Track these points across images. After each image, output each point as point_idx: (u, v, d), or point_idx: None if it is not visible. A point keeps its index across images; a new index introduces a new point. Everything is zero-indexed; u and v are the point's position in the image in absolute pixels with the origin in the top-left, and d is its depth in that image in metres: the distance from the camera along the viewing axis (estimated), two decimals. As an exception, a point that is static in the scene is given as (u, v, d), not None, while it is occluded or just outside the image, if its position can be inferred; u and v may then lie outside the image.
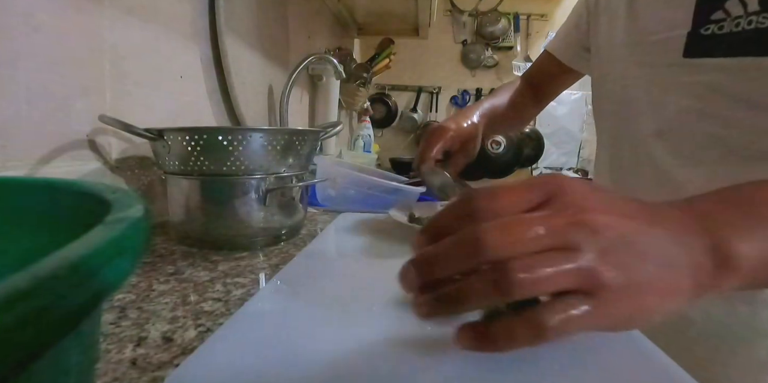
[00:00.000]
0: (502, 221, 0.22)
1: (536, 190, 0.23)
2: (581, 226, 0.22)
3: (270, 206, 0.52)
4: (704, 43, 0.46)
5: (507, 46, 2.61)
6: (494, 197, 0.23)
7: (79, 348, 0.13)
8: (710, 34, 0.45)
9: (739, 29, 0.43)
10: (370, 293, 0.36)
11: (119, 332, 0.30)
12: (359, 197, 0.79)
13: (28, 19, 0.45)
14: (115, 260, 0.11)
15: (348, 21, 1.80)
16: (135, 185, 0.61)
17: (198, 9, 0.76)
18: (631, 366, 0.27)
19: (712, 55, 0.45)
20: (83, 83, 0.52)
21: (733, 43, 0.43)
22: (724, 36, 0.44)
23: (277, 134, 0.51)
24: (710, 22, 0.45)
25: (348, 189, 0.79)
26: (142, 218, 0.14)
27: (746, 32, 0.42)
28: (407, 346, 0.27)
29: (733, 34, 0.43)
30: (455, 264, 0.22)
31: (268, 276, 0.43)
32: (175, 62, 0.70)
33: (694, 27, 0.46)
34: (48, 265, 0.09)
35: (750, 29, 0.42)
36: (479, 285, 0.21)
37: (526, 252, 0.21)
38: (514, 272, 0.20)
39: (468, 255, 0.21)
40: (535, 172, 2.76)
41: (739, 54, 0.43)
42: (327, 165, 0.81)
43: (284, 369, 0.25)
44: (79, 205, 0.18)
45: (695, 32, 0.46)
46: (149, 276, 0.42)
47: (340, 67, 1.12)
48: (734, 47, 0.43)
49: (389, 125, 2.70)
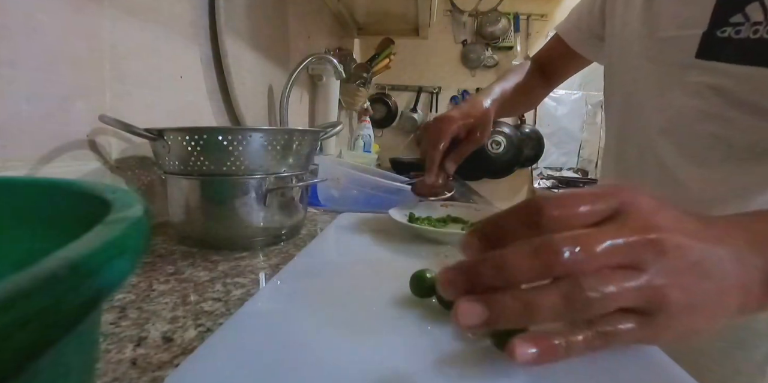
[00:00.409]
0: (578, 234, 0.21)
1: (606, 202, 0.23)
2: (652, 245, 0.21)
3: (270, 206, 0.52)
4: (718, 46, 0.45)
5: (507, 46, 2.62)
6: (565, 207, 0.22)
7: (79, 348, 0.13)
8: (726, 36, 0.44)
9: (756, 37, 0.41)
10: (370, 293, 0.36)
11: (119, 332, 0.30)
12: (361, 198, 0.79)
13: (28, 19, 0.45)
14: (115, 260, 0.11)
15: (348, 21, 1.80)
16: (135, 185, 0.61)
17: (198, 9, 0.76)
18: (633, 367, 0.27)
19: (723, 60, 0.44)
20: (83, 83, 0.52)
21: (747, 51, 0.42)
22: (740, 41, 0.43)
23: (277, 134, 0.51)
24: (728, 25, 0.44)
25: (351, 189, 0.79)
26: (142, 218, 0.14)
27: (763, 41, 0.41)
28: (407, 346, 0.27)
29: (750, 40, 0.42)
30: (527, 275, 0.21)
31: (268, 276, 0.43)
32: (175, 62, 0.70)
33: (710, 28, 0.45)
34: (48, 265, 0.09)
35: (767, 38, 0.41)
36: (551, 299, 0.20)
37: (599, 268, 0.21)
38: (589, 288, 0.20)
39: (544, 266, 0.20)
40: (535, 172, 2.76)
41: (752, 63, 0.42)
42: (330, 165, 0.81)
43: (284, 369, 0.25)
44: (79, 205, 0.18)
45: (711, 33, 0.45)
46: (149, 276, 0.42)
47: (340, 67, 1.12)
48: (747, 55, 0.42)
49: (389, 125, 2.71)
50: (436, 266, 0.37)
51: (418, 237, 0.56)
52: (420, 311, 0.33)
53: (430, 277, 0.34)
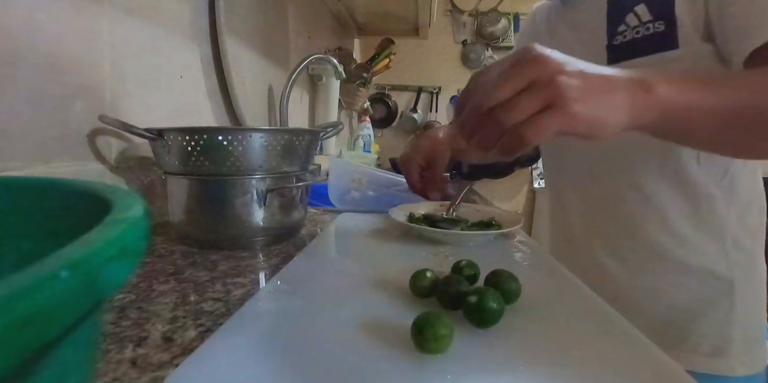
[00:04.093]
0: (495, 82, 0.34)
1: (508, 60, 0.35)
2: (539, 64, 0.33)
3: (270, 206, 0.52)
4: (618, 51, 0.59)
5: (507, 46, 2.61)
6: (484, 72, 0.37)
7: (79, 348, 0.13)
8: (619, 43, 0.59)
9: (639, 35, 0.57)
10: (370, 293, 0.36)
11: (119, 332, 0.30)
12: (374, 197, 0.78)
13: (28, 19, 0.45)
14: (115, 260, 0.11)
15: (348, 21, 1.80)
16: (135, 185, 0.61)
17: (198, 9, 0.76)
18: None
19: (626, 59, 0.58)
20: (83, 83, 0.52)
21: (636, 47, 0.57)
22: (628, 43, 0.58)
23: (277, 134, 0.51)
24: (617, 34, 0.59)
25: (367, 190, 0.78)
26: (142, 218, 0.14)
27: (645, 37, 0.56)
28: (407, 346, 0.27)
29: (636, 39, 0.57)
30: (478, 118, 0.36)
31: (268, 276, 0.43)
32: (175, 62, 0.70)
33: (608, 41, 0.60)
34: (48, 265, 0.09)
35: (649, 34, 0.55)
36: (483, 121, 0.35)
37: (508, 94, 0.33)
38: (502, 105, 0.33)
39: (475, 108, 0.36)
40: (535, 172, 2.76)
41: (642, 54, 0.56)
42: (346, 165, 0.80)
43: (284, 369, 0.25)
44: (79, 205, 0.18)
45: (610, 45, 0.60)
46: (149, 276, 0.42)
47: (340, 67, 1.12)
48: (638, 49, 0.57)
49: (389, 125, 2.70)
50: (436, 266, 0.37)
51: (418, 237, 0.56)
52: (420, 311, 0.32)
53: (430, 277, 0.34)
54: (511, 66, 0.33)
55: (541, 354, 0.27)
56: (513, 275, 0.34)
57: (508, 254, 0.51)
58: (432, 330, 0.26)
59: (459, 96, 0.39)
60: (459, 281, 0.33)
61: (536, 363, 0.26)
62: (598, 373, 0.25)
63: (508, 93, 0.33)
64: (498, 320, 0.30)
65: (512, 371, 0.25)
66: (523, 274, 0.35)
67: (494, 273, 0.35)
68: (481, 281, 0.36)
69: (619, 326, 0.32)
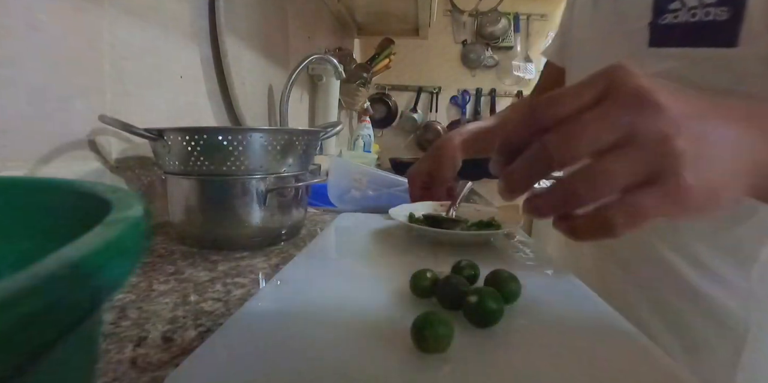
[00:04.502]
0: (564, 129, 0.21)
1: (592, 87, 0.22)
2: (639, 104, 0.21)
3: (270, 206, 0.52)
4: (664, 33, 0.48)
5: (507, 46, 2.61)
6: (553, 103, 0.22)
7: (79, 348, 0.13)
8: (667, 23, 0.47)
9: (695, 19, 0.45)
10: (370, 293, 0.36)
11: (119, 332, 0.30)
12: (374, 197, 0.77)
13: (28, 19, 0.45)
14: (115, 260, 0.11)
15: (348, 21, 1.80)
16: (135, 185, 0.61)
17: (198, 9, 0.76)
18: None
19: (673, 45, 0.48)
20: (83, 83, 0.52)
21: (687, 33, 0.46)
22: (682, 25, 0.46)
23: (277, 134, 0.51)
24: (668, 12, 0.47)
25: (367, 190, 0.78)
26: (142, 218, 0.14)
27: (701, 23, 0.44)
28: (407, 346, 0.27)
29: (688, 24, 0.45)
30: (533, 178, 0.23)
31: (268, 276, 0.43)
32: (175, 62, 0.70)
33: (654, 18, 0.49)
34: (48, 265, 0.09)
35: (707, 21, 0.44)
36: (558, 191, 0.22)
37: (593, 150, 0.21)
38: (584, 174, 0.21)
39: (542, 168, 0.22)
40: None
41: (691, 44, 0.46)
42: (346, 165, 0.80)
43: (284, 369, 0.25)
44: (79, 205, 0.18)
45: (655, 23, 0.49)
46: (149, 276, 0.42)
47: (340, 67, 1.12)
48: (687, 37, 0.46)
49: (389, 125, 2.70)
50: (436, 267, 0.37)
51: (418, 237, 0.56)
52: (420, 311, 0.32)
53: (430, 277, 0.34)
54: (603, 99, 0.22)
55: (541, 354, 0.27)
56: (513, 275, 0.34)
57: (508, 254, 0.51)
58: (432, 330, 0.26)
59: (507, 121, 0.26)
60: (459, 281, 0.33)
61: (536, 363, 0.26)
62: (598, 373, 0.25)
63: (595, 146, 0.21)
64: (498, 320, 0.30)
65: (512, 371, 0.25)
66: (523, 274, 0.35)
67: (494, 273, 0.35)
68: (481, 281, 0.36)
69: (620, 326, 0.32)
